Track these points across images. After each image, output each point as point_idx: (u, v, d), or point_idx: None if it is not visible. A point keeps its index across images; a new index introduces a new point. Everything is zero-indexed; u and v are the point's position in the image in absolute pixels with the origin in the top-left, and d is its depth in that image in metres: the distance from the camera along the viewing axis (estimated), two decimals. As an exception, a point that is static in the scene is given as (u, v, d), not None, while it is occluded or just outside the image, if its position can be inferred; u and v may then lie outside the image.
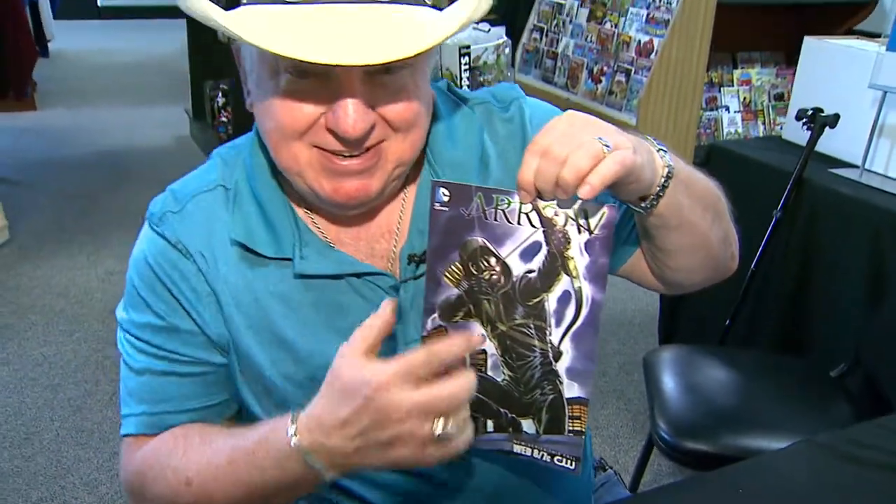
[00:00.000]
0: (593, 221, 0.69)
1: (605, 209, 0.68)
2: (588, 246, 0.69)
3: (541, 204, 0.69)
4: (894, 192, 1.93)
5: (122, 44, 7.72)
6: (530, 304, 0.71)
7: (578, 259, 0.69)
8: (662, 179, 0.75)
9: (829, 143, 2.11)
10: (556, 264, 0.70)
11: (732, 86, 4.99)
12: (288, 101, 0.73)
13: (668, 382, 1.74)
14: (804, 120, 2.04)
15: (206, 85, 4.51)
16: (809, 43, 2.29)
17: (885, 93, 1.96)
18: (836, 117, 1.99)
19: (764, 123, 4.92)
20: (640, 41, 4.39)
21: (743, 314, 2.06)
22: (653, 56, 4.29)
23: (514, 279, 0.71)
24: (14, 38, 3.94)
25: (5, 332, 2.66)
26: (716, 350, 1.96)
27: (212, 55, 4.44)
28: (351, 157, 0.75)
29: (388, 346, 0.82)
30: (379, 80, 0.73)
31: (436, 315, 0.74)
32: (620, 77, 4.48)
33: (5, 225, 3.28)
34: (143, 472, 0.83)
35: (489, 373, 0.74)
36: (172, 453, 0.82)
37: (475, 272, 0.72)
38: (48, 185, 3.98)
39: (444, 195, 0.71)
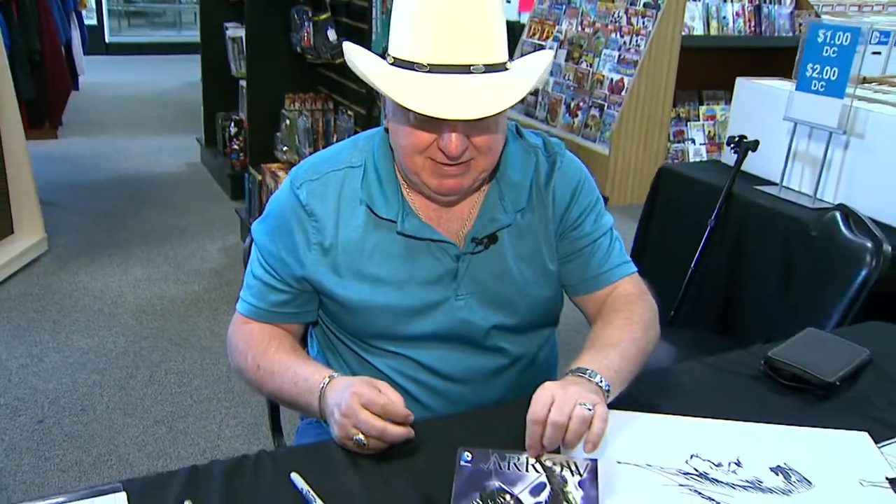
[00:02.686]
0: (581, 468, 0.98)
1: (588, 462, 0.99)
2: (581, 484, 0.97)
3: (543, 457, 1.00)
4: (803, 204, 2.37)
5: (129, 77, 8.17)
6: None
7: (574, 492, 0.96)
8: (604, 383, 1.14)
9: (756, 164, 2.56)
10: (559, 497, 0.95)
11: (698, 120, 5.46)
12: (414, 132, 1.14)
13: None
14: (732, 145, 2.49)
15: (219, 116, 4.95)
16: (741, 83, 2.75)
17: (796, 124, 2.41)
18: (756, 143, 2.44)
19: (725, 154, 5.37)
20: (612, 79, 4.87)
21: (686, 302, 2.48)
22: (623, 93, 4.76)
23: None
24: (53, 75, 4.37)
25: (54, 327, 3.05)
26: (665, 331, 2.37)
27: (223, 89, 4.88)
28: (451, 165, 1.15)
29: (444, 297, 1.26)
30: (473, 122, 1.12)
31: None
32: (595, 112, 4.95)
33: (45, 238, 3.68)
34: (238, 343, 1.29)
35: None
36: (258, 346, 1.26)
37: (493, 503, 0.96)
38: (77, 205, 4.39)
39: (468, 457, 0.99)
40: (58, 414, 2.51)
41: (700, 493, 1.04)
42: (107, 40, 9.33)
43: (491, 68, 1.11)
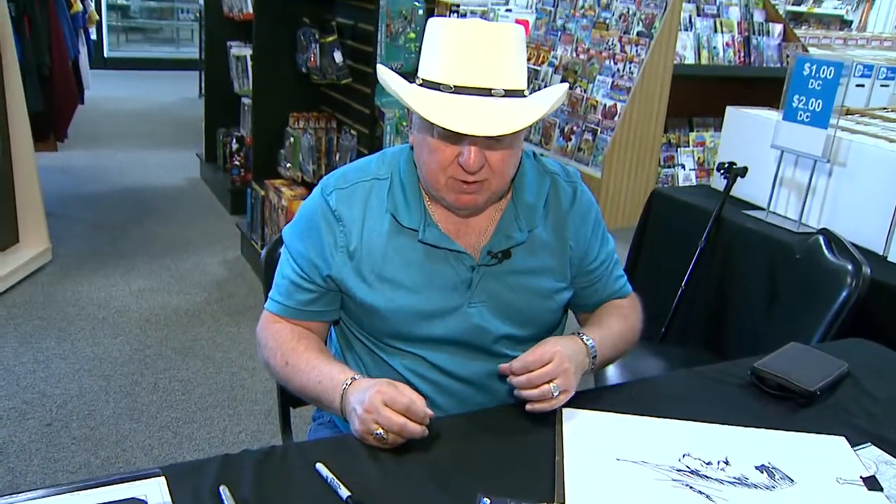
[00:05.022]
0: None
1: None
2: None
3: None
4: (788, 229, 2.48)
5: (126, 92, 8.26)
6: None
7: None
8: (591, 365, 1.32)
9: (744, 189, 2.67)
10: None
11: (688, 146, 5.60)
12: (437, 147, 1.25)
13: (616, 370, 2.25)
14: (722, 171, 2.61)
15: (220, 132, 5.04)
16: (731, 111, 2.87)
17: (782, 151, 2.53)
18: (745, 169, 2.56)
19: (714, 180, 5.50)
20: (605, 105, 5.00)
21: (677, 319, 2.58)
22: (616, 118, 4.90)
23: None
24: (62, 90, 4.47)
25: (60, 335, 3.12)
26: (657, 347, 2.47)
27: (224, 106, 4.99)
28: (469, 183, 1.25)
29: (458, 304, 1.36)
30: (490, 140, 1.22)
31: None
32: (588, 136, 5.08)
33: (49, 248, 3.75)
34: (268, 340, 1.39)
35: None
36: (287, 344, 1.36)
37: None
38: (79, 216, 4.47)
39: (487, 501, 1.06)
40: (66, 418, 2.57)
41: (691, 488, 1.13)
42: (105, 55, 9.43)
43: (510, 93, 1.23)
